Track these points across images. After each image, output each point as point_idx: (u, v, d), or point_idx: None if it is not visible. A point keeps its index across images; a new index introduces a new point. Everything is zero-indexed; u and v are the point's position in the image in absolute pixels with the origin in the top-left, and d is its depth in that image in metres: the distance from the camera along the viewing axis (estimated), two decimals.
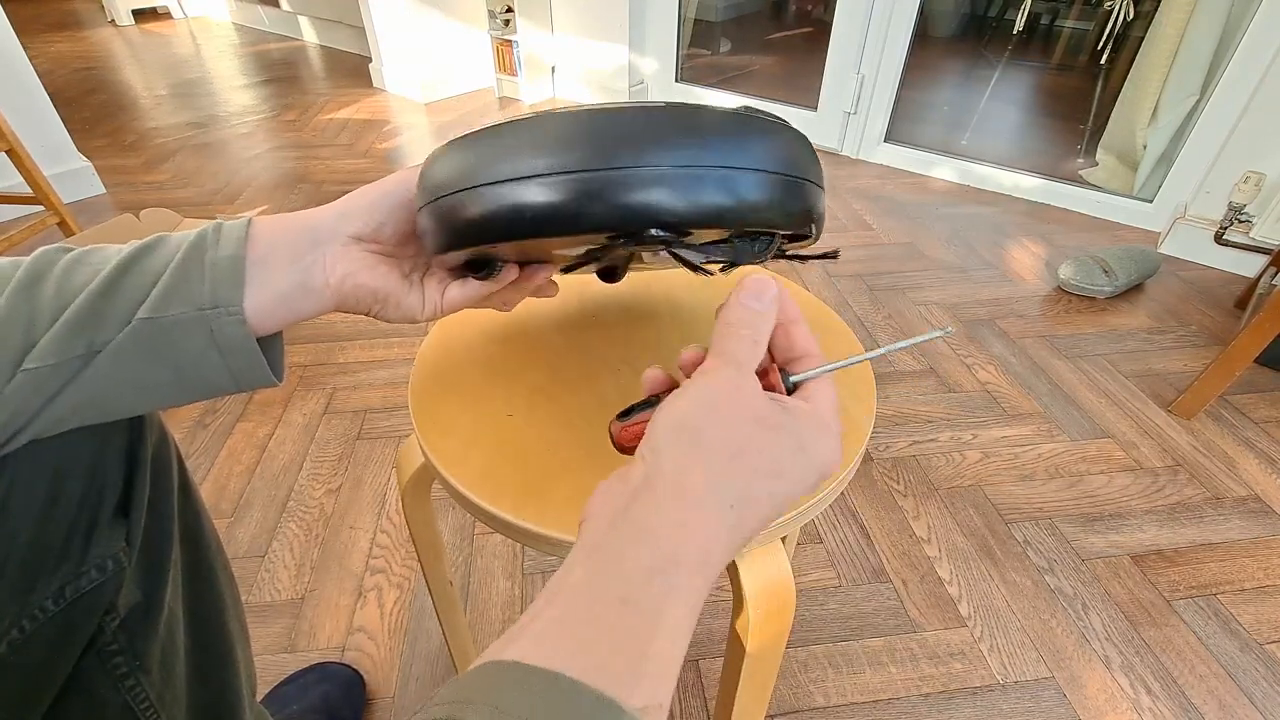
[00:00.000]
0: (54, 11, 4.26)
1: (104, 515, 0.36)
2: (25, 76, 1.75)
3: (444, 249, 0.33)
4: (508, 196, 0.29)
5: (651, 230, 0.28)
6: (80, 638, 0.36)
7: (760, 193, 0.29)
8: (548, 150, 0.28)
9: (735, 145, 0.28)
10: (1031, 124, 2.57)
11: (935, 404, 1.18)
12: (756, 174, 0.29)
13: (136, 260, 0.32)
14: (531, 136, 0.29)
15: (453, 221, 0.31)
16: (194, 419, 1.13)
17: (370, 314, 0.38)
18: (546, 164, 0.28)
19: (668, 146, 0.28)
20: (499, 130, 0.30)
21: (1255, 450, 1.09)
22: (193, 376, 0.33)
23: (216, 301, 0.32)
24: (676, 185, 0.28)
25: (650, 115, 0.28)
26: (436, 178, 0.32)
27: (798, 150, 0.31)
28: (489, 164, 0.30)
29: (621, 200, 0.28)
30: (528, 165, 0.28)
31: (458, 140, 0.31)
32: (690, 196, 0.28)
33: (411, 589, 0.87)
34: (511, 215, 0.29)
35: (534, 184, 0.28)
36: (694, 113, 0.29)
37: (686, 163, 0.28)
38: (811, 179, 0.32)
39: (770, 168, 0.29)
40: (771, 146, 0.30)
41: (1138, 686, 0.77)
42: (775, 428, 0.25)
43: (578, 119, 0.29)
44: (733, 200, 0.28)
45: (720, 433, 0.25)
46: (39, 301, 0.30)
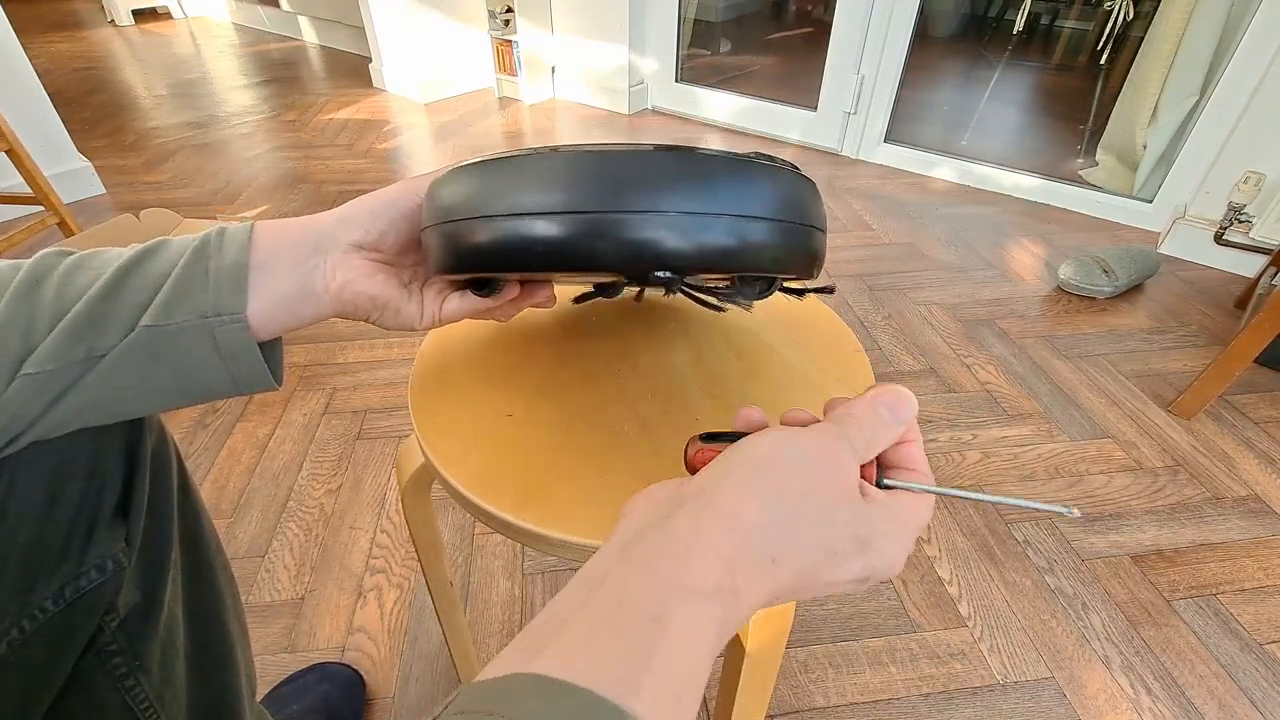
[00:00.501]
0: (54, 11, 4.26)
1: (103, 515, 0.36)
2: (25, 76, 1.75)
3: (448, 270, 0.33)
4: (517, 229, 0.29)
5: (656, 272, 0.29)
6: (80, 638, 0.36)
7: (765, 239, 0.30)
8: (559, 186, 0.29)
9: (742, 192, 0.29)
10: (1031, 124, 2.57)
11: (935, 404, 1.18)
12: (762, 222, 0.29)
13: (137, 265, 0.31)
14: (544, 171, 0.29)
15: (459, 246, 0.31)
16: (194, 419, 1.13)
17: (369, 320, 0.38)
18: (557, 200, 0.28)
19: (676, 191, 0.28)
20: (511, 161, 0.30)
21: (1255, 450, 1.09)
22: (194, 382, 0.33)
23: (220, 309, 0.32)
24: (683, 229, 0.28)
25: (661, 159, 0.29)
26: (446, 200, 0.32)
27: (803, 197, 0.31)
28: (500, 194, 0.30)
29: (629, 241, 0.28)
30: (538, 200, 0.29)
31: (471, 165, 0.32)
32: (696, 241, 0.28)
33: (411, 589, 0.87)
34: (519, 248, 0.29)
35: (543, 220, 0.29)
36: (703, 158, 0.29)
37: (694, 208, 0.28)
38: (816, 225, 0.32)
39: (776, 215, 0.30)
40: (778, 193, 0.30)
41: (1138, 686, 0.77)
42: (849, 508, 0.24)
43: (590, 158, 0.29)
44: (737, 246, 0.29)
45: (793, 485, 0.24)
46: (38, 306, 0.30)
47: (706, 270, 0.29)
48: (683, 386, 0.46)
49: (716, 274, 0.30)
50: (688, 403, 0.44)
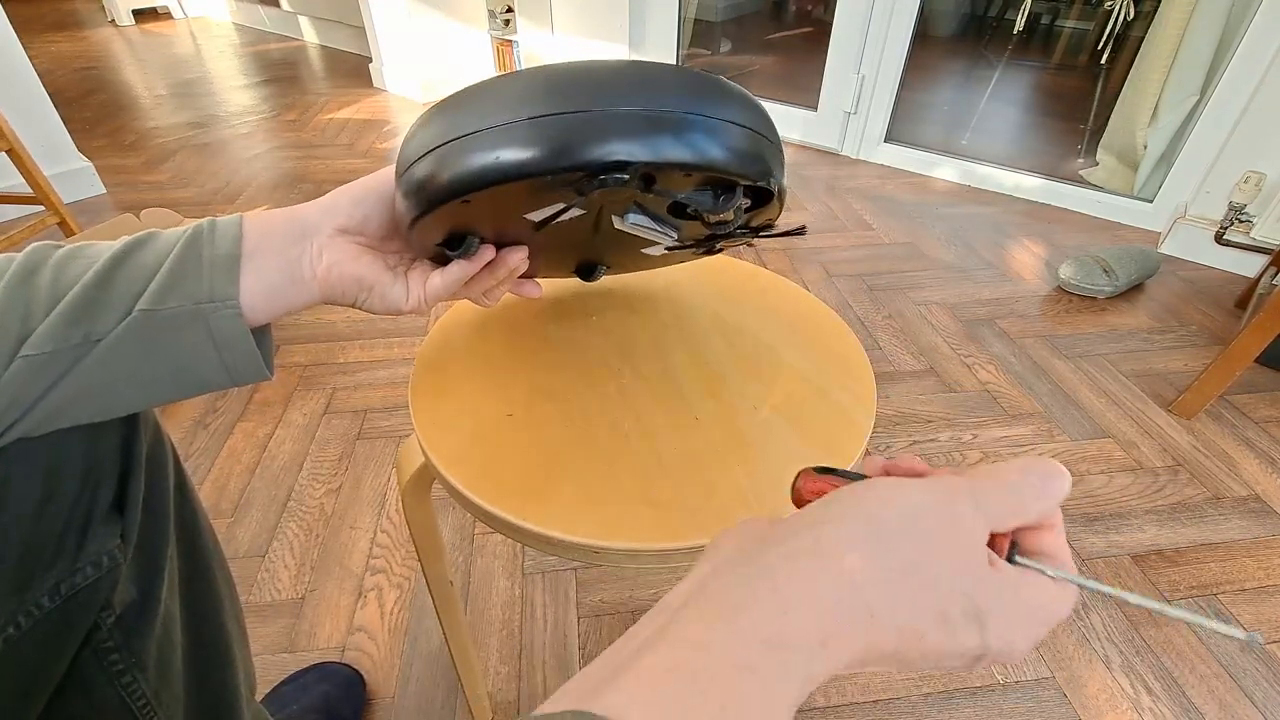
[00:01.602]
0: (54, 11, 4.26)
1: (98, 512, 0.36)
2: (25, 76, 1.75)
3: (417, 215, 0.33)
4: (475, 148, 0.30)
5: (615, 174, 0.29)
6: (76, 634, 0.36)
7: (720, 139, 0.31)
8: (510, 102, 0.30)
9: (695, 94, 0.30)
10: (1031, 124, 2.57)
11: (935, 404, 1.18)
12: (715, 121, 0.30)
13: (131, 253, 0.32)
14: (495, 91, 0.31)
15: (422, 185, 0.32)
16: (194, 419, 1.13)
17: (356, 304, 0.39)
18: (509, 114, 0.29)
19: (632, 92, 0.29)
20: (463, 92, 0.32)
21: (1255, 450, 1.09)
22: (188, 370, 0.34)
23: (213, 296, 0.33)
24: (641, 129, 0.29)
25: (609, 65, 0.30)
26: (406, 150, 0.33)
27: (749, 106, 0.33)
28: (453, 123, 0.31)
29: (587, 142, 0.29)
30: (492, 116, 0.30)
31: (424, 113, 0.33)
32: (653, 139, 0.29)
33: (411, 589, 0.87)
34: (481, 169, 0.30)
35: (499, 132, 0.29)
36: (655, 65, 0.31)
37: (650, 107, 0.29)
38: (766, 134, 0.33)
39: (729, 117, 0.31)
40: (730, 98, 0.32)
41: (1138, 686, 0.77)
42: (970, 576, 0.21)
43: (543, 71, 0.30)
44: (694, 146, 0.30)
45: (906, 541, 0.21)
46: (35, 292, 0.30)
47: (659, 165, 0.30)
48: (683, 386, 0.46)
49: (674, 171, 0.31)
50: (688, 403, 0.44)
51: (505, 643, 0.81)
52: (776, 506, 0.38)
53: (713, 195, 0.34)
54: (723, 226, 0.37)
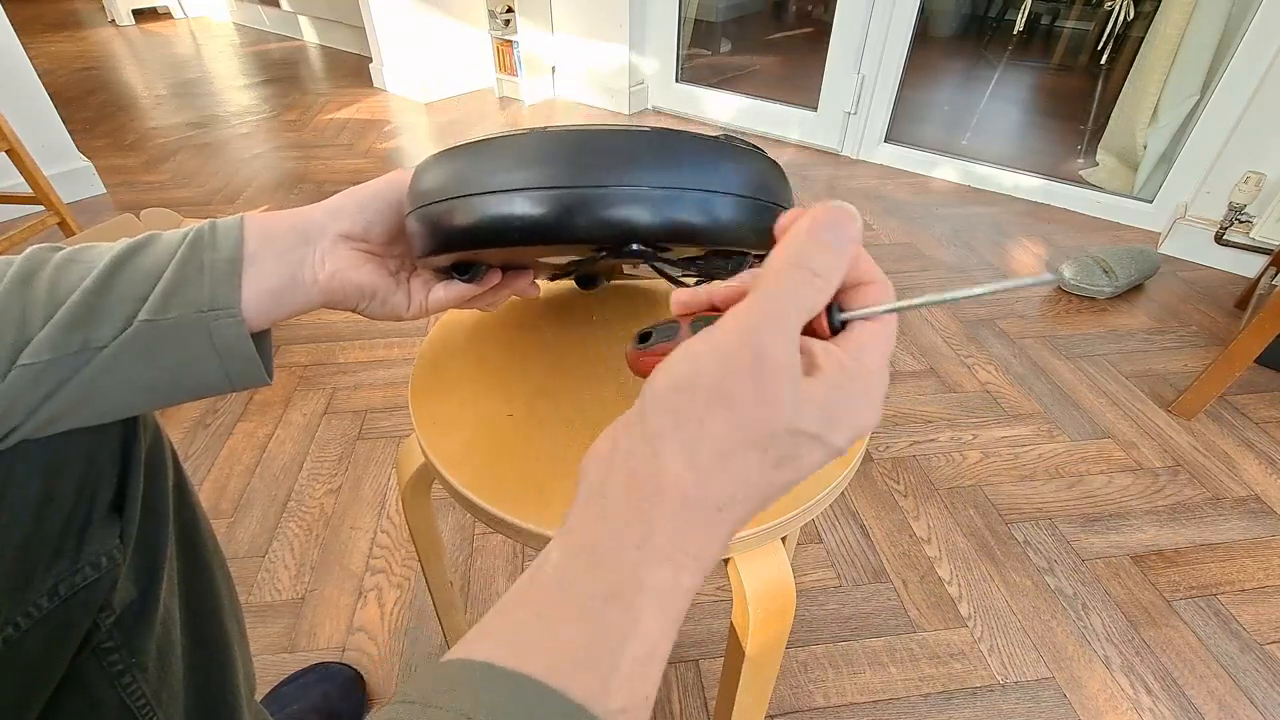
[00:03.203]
0: (54, 11, 4.26)
1: (98, 512, 0.36)
2: (25, 76, 1.75)
3: (430, 253, 0.34)
4: (494, 207, 0.30)
5: (631, 245, 0.30)
6: (76, 635, 0.36)
7: (732, 214, 0.31)
8: (535, 165, 0.30)
9: (710, 169, 0.30)
10: (1031, 124, 2.57)
11: (935, 404, 1.18)
12: (729, 197, 0.31)
13: (129, 258, 0.32)
14: (520, 150, 0.31)
15: (440, 227, 0.32)
16: (194, 419, 1.13)
17: (357, 310, 0.39)
18: (533, 178, 0.30)
19: (648, 167, 0.29)
20: (489, 143, 0.31)
21: (1255, 450, 1.09)
22: (188, 377, 0.33)
23: (215, 303, 0.32)
24: (654, 204, 0.29)
25: (633, 137, 0.30)
26: (427, 185, 0.33)
27: (769, 175, 0.33)
28: (478, 175, 0.31)
29: (602, 216, 0.29)
30: (515, 178, 0.30)
31: (449, 150, 0.33)
32: (666, 215, 0.30)
33: (411, 589, 0.87)
34: (497, 225, 0.30)
35: (520, 196, 0.30)
36: (674, 137, 0.30)
37: (664, 183, 0.29)
38: (781, 203, 0.33)
39: (742, 191, 0.31)
40: (744, 171, 0.31)
41: (1138, 686, 0.77)
42: (789, 411, 0.20)
43: (565, 137, 0.30)
44: (706, 220, 0.30)
45: (715, 416, 0.20)
46: (32, 299, 0.30)
47: (676, 241, 0.30)
48: None
49: (685, 245, 0.31)
50: None
51: None
52: (777, 506, 0.38)
53: (725, 260, 0.35)
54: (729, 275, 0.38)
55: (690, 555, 0.21)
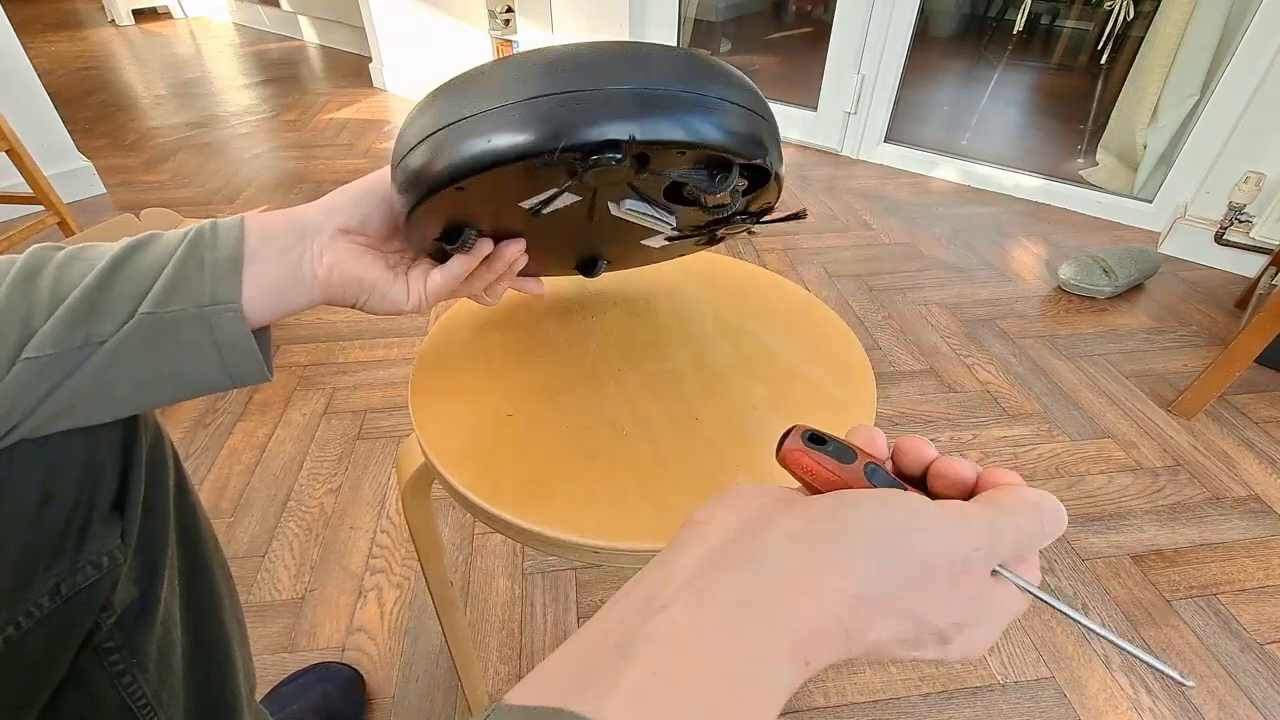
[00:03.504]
0: (54, 11, 4.26)
1: (99, 512, 0.36)
2: (25, 76, 1.75)
3: (415, 202, 0.33)
4: (466, 131, 0.30)
5: (608, 153, 0.29)
6: (76, 635, 0.36)
7: (708, 115, 0.31)
8: (502, 86, 0.30)
9: (684, 72, 0.31)
10: (1031, 124, 2.57)
11: (935, 404, 1.18)
12: (703, 97, 0.31)
13: (131, 255, 0.32)
14: (485, 78, 0.31)
15: (418, 173, 0.32)
16: (194, 419, 1.13)
17: (357, 305, 0.39)
18: (502, 98, 0.30)
19: (618, 71, 0.29)
20: (451, 82, 0.32)
21: (1255, 450, 1.09)
22: (189, 372, 0.34)
23: (216, 299, 0.33)
24: (626, 104, 0.29)
25: (602, 46, 0.30)
26: (400, 141, 0.33)
27: (742, 85, 0.33)
28: (445, 111, 0.31)
29: (574, 121, 0.29)
30: (483, 103, 0.30)
31: (417, 104, 0.33)
32: (640, 115, 0.29)
33: (411, 589, 0.87)
34: (473, 150, 0.30)
35: (490, 116, 0.30)
36: (643, 45, 0.31)
37: (636, 85, 0.29)
38: (757, 111, 0.33)
39: (715, 94, 0.31)
40: (716, 77, 0.32)
41: (1138, 686, 0.77)
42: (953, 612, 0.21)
43: (529, 55, 0.31)
44: (681, 120, 0.30)
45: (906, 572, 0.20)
46: (36, 294, 0.30)
47: (648, 144, 0.30)
48: (683, 386, 0.46)
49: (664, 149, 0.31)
50: (688, 403, 0.44)
51: (505, 643, 0.81)
52: None
53: (709, 175, 0.34)
54: (721, 210, 0.37)
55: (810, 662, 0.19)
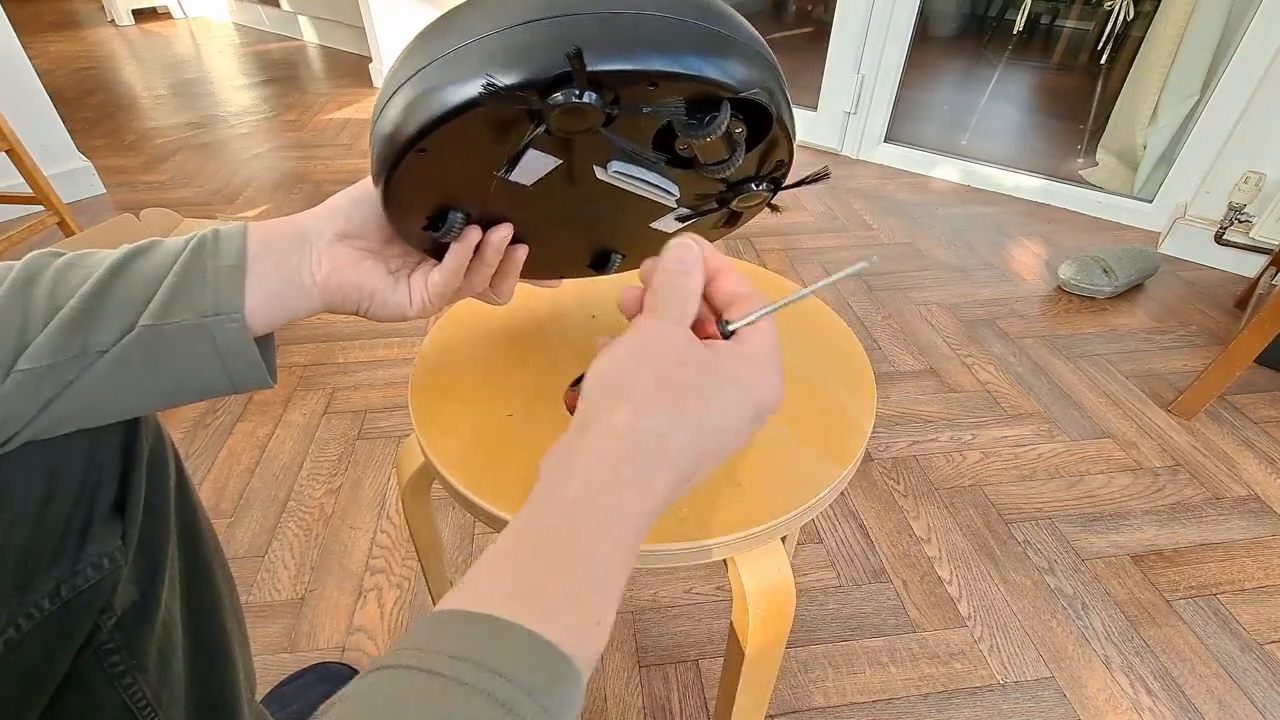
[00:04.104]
0: (54, 11, 4.26)
1: (99, 513, 0.36)
2: (25, 76, 1.75)
3: (383, 176, 0.32)
4: (416, 88, 0.29)
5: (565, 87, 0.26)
6: (77, 636, 0.36)
7: (675, 36, 0.28)
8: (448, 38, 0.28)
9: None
10: (1031, 124, 2.57)
11: (935, 404, 1.18)
12: (669, 19, 0.28)
13: (130, 263, 0.32)
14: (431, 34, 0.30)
15: (380, 145, 0.31)
16: (194, 419, 1.13)
17: (359, 312, 0.39)
18: (448, 47, 0.28)
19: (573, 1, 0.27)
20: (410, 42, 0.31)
21: (1255, 450, 1.09)
22: (191, 380, 0.33)
23: (219, 308, 0.32)
24: (580, 32, 0.26)
25: None
26: (373, 113, 0.32)
27: (728, 11, 0.31)
28: (395, 74, 0.30)
29: (525, 57, 0.27)
30: (428, 56, 0.29)
31: None
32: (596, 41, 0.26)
33: (411, 589, 0.87)
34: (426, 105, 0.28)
35: (436, 68, 0.28)
36: None
37: (590, 9, 0.27)
38: (738, 36, 0.30)
39: (686, 16, 0.28)
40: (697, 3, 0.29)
41: (1138, 686, 0.77)
42: (700, 364, 0.27)
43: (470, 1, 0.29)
44: (644, 43, 0.27)
45: (644, 373, 0.27)
46: (32, 303, 0.30)
47: (609, 74, 0.27)
48: None
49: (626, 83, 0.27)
50: None
51: None
52: (776, 505, 0.38)
53: (700, 119, 0.30)
54: (723, 168, 0.33)
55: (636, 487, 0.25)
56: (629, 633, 0.82)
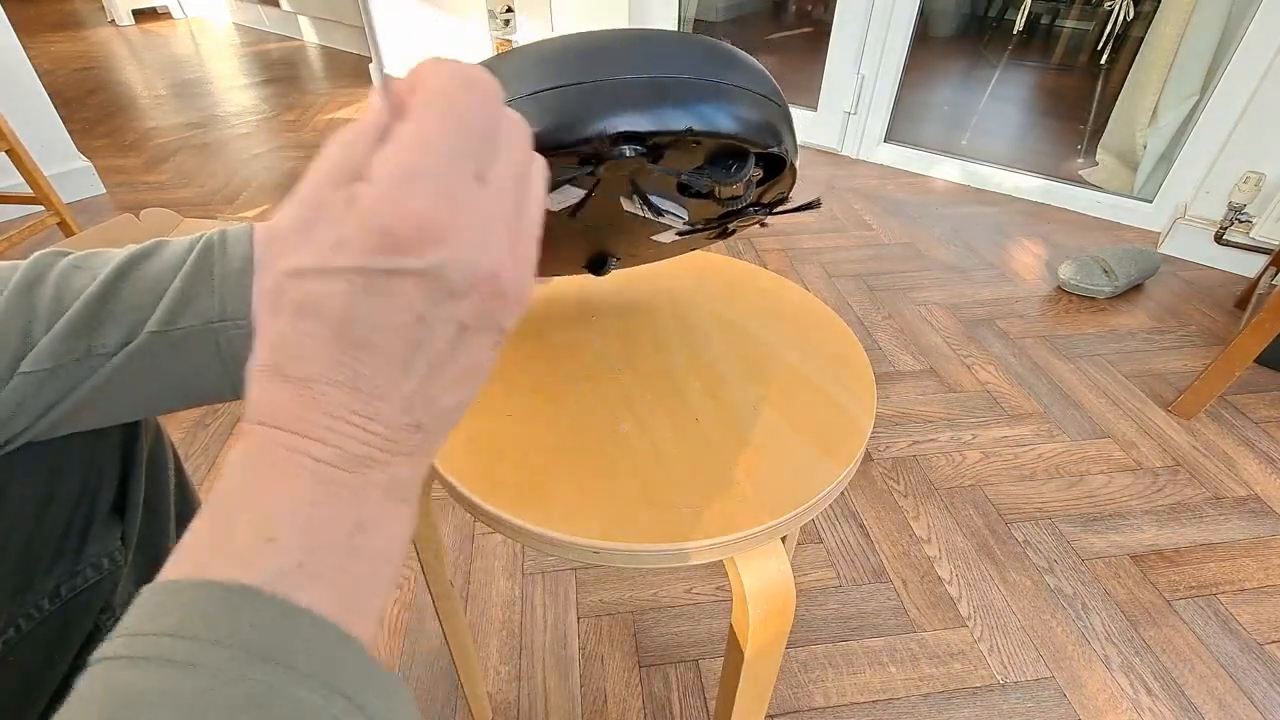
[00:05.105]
0: (54, 11, 4.26)
1: (99, 514, 0.36)
2: (25, 76, 1.75)
3: None
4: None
5: (624, 145, 0.28)
6: (77, 636, 0.36)
7: (723, 104, 0.30)
8: (512, 80, 0.29)
9: (697, 59, 0.30)
10: (1031, 124, 2.57)
11: (935, 404, 1.18)
12: (717, 85, 0.30)
13: (135, 265, 0.31)
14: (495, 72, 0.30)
15: None
16: (194, 420, 1.13)
17: None
18: (511, 92, 0.29)
19: (631, 60, 0.29)
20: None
21: (1255, 450, 1.09)
22: (194, 385, 0.33)
23: (225, 314, 0.32)
24: (640, 94, 0.28)
25: (612, 35, 0.29)
26: None
27: (756, 72, 0.32)
28: None
29: (588, 114, 0.28)
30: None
31: None
32: (654, 105, 0.28)
33: (411, 589, 0.87)
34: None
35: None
36: (654, 33, 0.30)
37: (649, 73, 0.28)
38: (771, 97, 0.32)
39: (730, 81, 0.30)
40: (731, 64, 0.31)
41: (1138, 686, 0.77)
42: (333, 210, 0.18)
43: (538, 47, 0.30)
44: (696, 110, 0.29)
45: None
46: (36, 305, 0.30)
47: (663, 134, 0.29)
48: (682, 387, 0.46)
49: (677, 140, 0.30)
50: (688, 403, 0.44)
51: (505, 643, 0.81)
52: (776, 505, 0.38)
53: (724, 166, 0.33)
54: (735, 202, 0.36)
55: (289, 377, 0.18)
56: (629, 633, 0.82)
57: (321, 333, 0.18)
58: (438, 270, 0.17)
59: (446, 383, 0.20)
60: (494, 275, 0.18)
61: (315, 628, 0.17)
